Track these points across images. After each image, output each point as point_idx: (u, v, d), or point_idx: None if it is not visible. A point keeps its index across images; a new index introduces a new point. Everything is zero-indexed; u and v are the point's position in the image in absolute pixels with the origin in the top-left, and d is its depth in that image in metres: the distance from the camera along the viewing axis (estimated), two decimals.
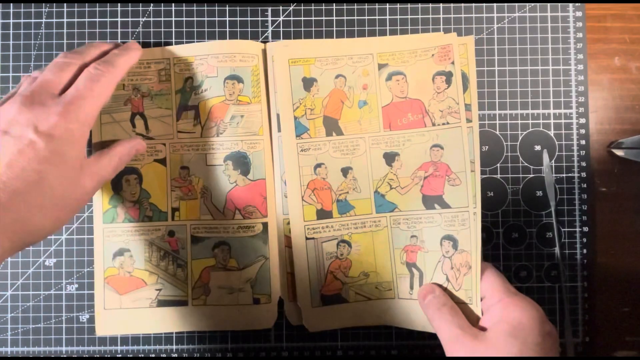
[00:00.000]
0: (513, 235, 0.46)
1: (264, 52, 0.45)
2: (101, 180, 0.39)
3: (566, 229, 0.46)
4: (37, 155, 0.34)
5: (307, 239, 0.44)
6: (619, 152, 0.45)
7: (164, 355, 0.46)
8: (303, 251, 0.44)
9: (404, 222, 0.44)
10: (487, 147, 0.46)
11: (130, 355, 0.45)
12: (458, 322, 0.38)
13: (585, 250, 0.46)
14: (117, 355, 0.45)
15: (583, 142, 0.46)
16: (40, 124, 0.35)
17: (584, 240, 0.46)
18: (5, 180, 0.33)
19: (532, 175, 0.46)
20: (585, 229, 0.46)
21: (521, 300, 0.38)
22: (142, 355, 0.45)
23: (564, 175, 0.46)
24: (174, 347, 0.46)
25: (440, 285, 0.42)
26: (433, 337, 0.45)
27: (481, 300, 0.40)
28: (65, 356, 0.45)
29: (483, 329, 0.38)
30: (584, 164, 0.46)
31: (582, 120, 0.46)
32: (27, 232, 0.34)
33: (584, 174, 0.46)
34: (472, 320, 0.40)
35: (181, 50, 0.45)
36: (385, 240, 0.44)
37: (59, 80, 0.37)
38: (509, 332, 0.36)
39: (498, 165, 0.46)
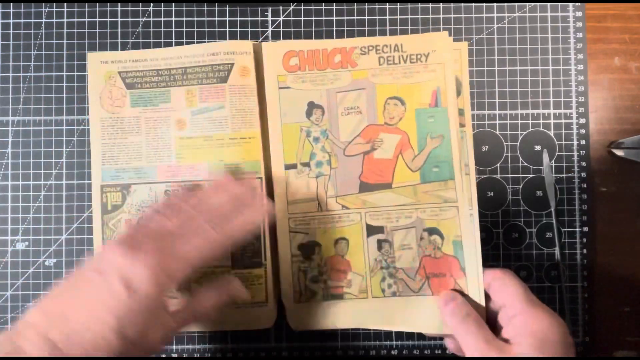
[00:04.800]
0: (513, 235, 0.46)
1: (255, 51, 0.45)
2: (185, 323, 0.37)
3: (566, 229, 0.46)
4: (112, 305, 0.33)
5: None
6: (619, 152, 0.45)
7: (164, 355, 0.45)
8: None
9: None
10: (487, 147, 0.46)
11: None
12: (484, 335, 0.38)
13: (585, 251, 0.46)
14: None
15: (583, 142, 0.46)
16: (130, 274, 0.34)
17: (584, 240, 0.46)
18: (62, 309, 0.33)
19: (532, 175, 0.46)
20: (585, 229, 0.46)
21: (545, 312, 0.37)
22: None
23: (564, 175, 0.46)
24: (174, 347, 0.46)
25: (460, 292, 0.42)
26: (433, 337, 0.45)
27: (501, 308, 0.40)
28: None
29: (506, 340, 0.38)
30: (584, 164, 0.46)
31: (582, 120, 0.46)
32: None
33: (584, 174, 0.46)
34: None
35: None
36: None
37: (175, 231, 0.36)
38: (536, 346, 0.36)
39: (498, 165, 0.46)
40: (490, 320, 0.40)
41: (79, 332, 0.32)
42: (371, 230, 0.44)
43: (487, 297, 0.42)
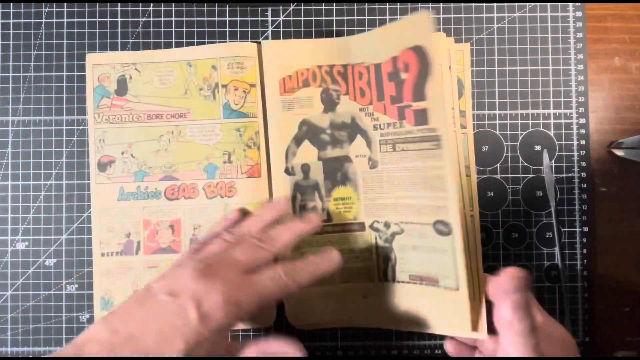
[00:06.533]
0: (513, 235, 0.46)
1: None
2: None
3: (566, 229, 0.46)
4: (183, 331, 0.32)
5: None
6: (619, 152, 0.45)
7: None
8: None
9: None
10: (487, 147, 0.46)
11: None
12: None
13: (585, 250, 0.46)
14: None
15: (583, 142, 0.46)
16: (204, 300, 0.33)
17: (584, 240, 0.46)
18: (131, 330, 0.32)
19: (532, 175, 0.46)
20: (585, 229, 0.46)
21: (552, 323, 0.37)
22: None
23: (564, 175, 0.46)
24: None
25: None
26: (433, 337, 0.45)
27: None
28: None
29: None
30: (584, 164, 0.46)
31: (582, 120, 0.46)
32: None
33: (584, 174, 0.46)
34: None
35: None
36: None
37: (247, 263, 0.36)
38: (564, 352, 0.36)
39: (498, 165, 0.46)
40: (491, 326, 0.40)
41: (147, 354, 0.31)
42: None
43: (491, 303, 0.41)
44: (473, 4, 0.46)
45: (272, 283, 0.36)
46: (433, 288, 0.43)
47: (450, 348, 0.43)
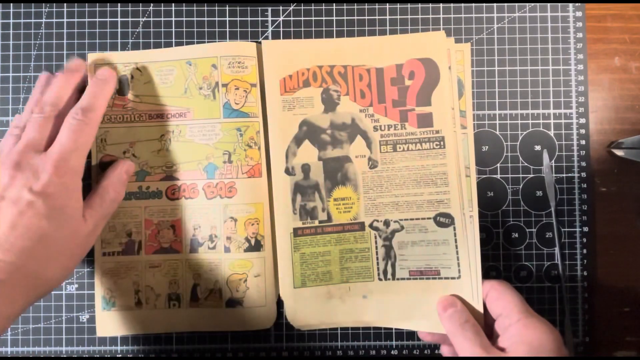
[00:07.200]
0: (513, 235, 0.46)
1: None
2: (100, 218, 0.40)
3: (566, 229, 0.46)
4: (37, 213, 0.36)
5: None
6: (619, 152, 0.45)
7: (164, 355, 0.46)
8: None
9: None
10: (487, 147, 0.46)
11: (130, 355, 0.45)
12: (481, 341, 0.38)
13: (585, 250, 0.46)
14: (117, 355, 0.45)
15: (583, 142, 0.46)
16: (33, 184, 0.37)
17: (584, 240, 0.46)
18: (12, 241, 0.35)
19: (532, 175, 0.46)
20: (585, 229, 0.46)
21: (540, 322, 0.38)
22: (142, 355, 0.45)
23: (564, 175, 0.46)
24: (174, 347, 0.46)
25: (457, 296, 0.42)
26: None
27: (497, 318, 0.40)
28: (65, 356, 0.45)
29: (501, 349, 0.38)
30: (584, 164, 0.46)
31: (582, 120, 0.46)
32: (38, 285, 0.37)
33: (584, 174, 0.46)
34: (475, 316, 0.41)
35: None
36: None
37: (41, 136, 0.39)
38: (530, 354, 0.36)
39: (498, 165, 0.46)
40: (486, 329, 0.41)
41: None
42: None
43: (484, 306, 0.42)
44: (473, 4, 0.46)
45: (70, 132, 0.38)
46: (434, 281, 0.43)
47: (445, 350, 0.43)
